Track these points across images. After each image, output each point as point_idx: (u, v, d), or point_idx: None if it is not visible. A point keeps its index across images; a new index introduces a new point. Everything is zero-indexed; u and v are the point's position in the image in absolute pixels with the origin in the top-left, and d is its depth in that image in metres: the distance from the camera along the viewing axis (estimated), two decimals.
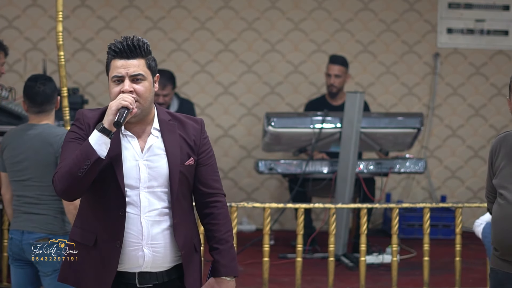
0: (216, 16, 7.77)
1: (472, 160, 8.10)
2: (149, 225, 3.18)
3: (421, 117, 6.71)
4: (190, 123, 3.30)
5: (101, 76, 7.68)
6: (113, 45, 3.20)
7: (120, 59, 3.18)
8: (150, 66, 3.26)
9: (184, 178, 3.23)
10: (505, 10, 8.06)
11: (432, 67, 8.03)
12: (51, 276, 4.28)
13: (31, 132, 4.34)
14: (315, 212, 7.68)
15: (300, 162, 6.66)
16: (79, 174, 3.07)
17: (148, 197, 3.19)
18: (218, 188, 3.33)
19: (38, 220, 4.29)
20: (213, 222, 3.30)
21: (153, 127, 3.24)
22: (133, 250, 3.17)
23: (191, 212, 3.31)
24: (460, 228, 5.53)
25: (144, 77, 3.21)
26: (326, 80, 7.23)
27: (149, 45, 3.26)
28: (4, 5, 7.53)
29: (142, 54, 3.22)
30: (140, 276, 3.22)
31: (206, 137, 3.33)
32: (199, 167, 3.29)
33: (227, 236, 3.30)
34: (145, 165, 3.20)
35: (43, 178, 4.29)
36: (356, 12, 7.92)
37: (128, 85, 3.17)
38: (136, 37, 3.22)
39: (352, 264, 6.33)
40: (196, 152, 3.27)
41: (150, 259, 3.19)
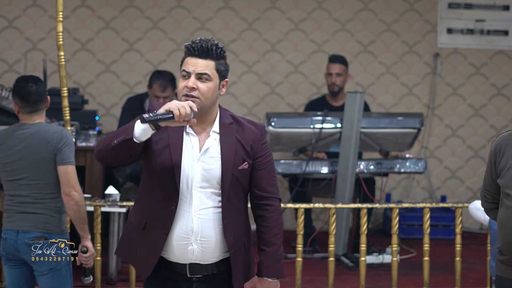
0: (216, 16, 7.78)
1: (472, 160, 8.11)
2: (200, 223, 3.35)
3: (421, 117, 6.71)
4: (250, 128, 3.48)
5: (101, 76, 7.68)
6: (189, 43, 3.44)
7: (192, 57, 3.42)
8: (219, 70, 3.44)
9: (237, 181, 3.40)
10: (505, 10, 8.07)
11: (432, 67, 8.04)
12: (47, 275, 4.27)
13: (25, 131, 4.33)
14: (315, 212, 7.68)
15: (300, 162, 6.66)
16: (112, 144, 3.27)
17: (200, 196, 3.36)
18: (273, 192, 3.49)
19: (34, 219, 4.27)
20: (263, 224, 3.48)
21: (212, 129, 3.41)
22: (183, 244, 3.35)
23: (243, 212, 3.48)
24: (460, 228, 5.53)
25: (209, 77, 3.39)
26: (327, 80, 7.23)
27: (224, 50, 3.48)
28: (4, 5, 7.53)
29: (213, 56, 3.43)
30: (190, 267, 3.39)
31: (265, 142, 3.49)
32: (255, 170, 3.45)
33: (274, 239, 3.47)
34: (200, 166, 3.37)
35: (40, 176, 4.28)
36: (356, 12, 7.92)
37: (192, 81, 3.36)
38: (214, 41, 3.47)
39: (352, 264, 6.33)
40: (252, 157, 3.43)
41: (199, 253, 3.36)
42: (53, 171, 4.29)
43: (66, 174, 4.27)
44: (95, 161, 6.09)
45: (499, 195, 3.63)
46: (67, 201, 4.26)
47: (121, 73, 7.69)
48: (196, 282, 3.42)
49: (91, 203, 5.38)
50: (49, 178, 4.30)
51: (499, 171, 3.58)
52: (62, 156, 4.27)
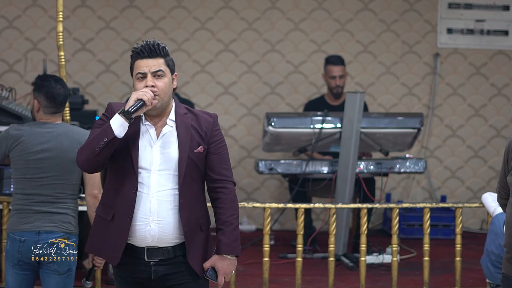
0: (216, 16, 7.78)
1: (472, 160, 8.11)
2: (157, 204, 3.57)
3: (421, 117, 6.71)
4: (203, 116, 3.71)
5: (101, 76, 7.69)
6: (135, 48, 3.63)
7: (143, 59, 3.61)
8: (169, 65, 3.68)
9: (193, 163, 3.62)
10: (505, 10, 8.07)
11: (432, 67, 8.04)
12: (64, 275, 4.29)
13: (51, 130, 4.32)
14: (315, 212, 7.69)
15: (300, 162, 6.66)
16: (96, 149, 3.52)
17: (159, 179, 3.58)
18: (227, 175, 3.71)
19: (57, 219, 4.26)
20: (220, 206, 3.66)
21: (169, 118, 3.65)
22: (142, 225, 3.57)
23: (200, 195, 3.69)
24: (460, 228, 5.54)
25: (164, 74, 3.63)
26: (329, 83, 7.18)
27: (167, 47, 3.68)
28: (5, 5, 7.54)
29: (161, 54, 3.64)
30: (148, 251, 3.60)
31: (218, 129, 3.72)
32: (210, 155, 3.68)
33: (231, 219, 3.65)
34: (158, 151, 3.60)
35: (66, 176, 4.29)
36: (356, 12, 7.93)
37: (150, 80, 3.59)
38: (156, 40, 3.66)
39: (352, 264, 6.33)
40: (207, 142, 3.67)
41: (156, 233, 3.56)
42: (78, 172, 4.32)
43: (96, 177, 4.33)
44: None
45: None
46: (93, 203, 4.29)
47: (121, 73, 7.70)
48: (153, 266, 3.62)
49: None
50: (73, 178, 4.33)
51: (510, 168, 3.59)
52: None
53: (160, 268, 3.62)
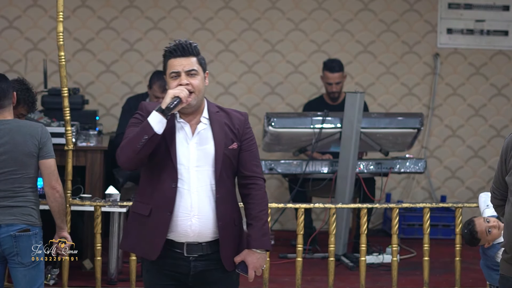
0: (216, 17, 7.78)
1: (472, 160, 8.11)
2: (198, 199, 3.65)
3: (421, 117, 6.71)
4: (235, 114, 3.81)
5: (101, 76, 7.69)
6: (168, 48, 3.70)
7: (176, 58, 3.69)
8: (201, 64, 3.74)
9: (228, 160, 3.71)
10: (505, 11, 8.07)
11: (432, 67, 8.04)
12: (29, 267, 4.32)
13: (5, 127, 4.35)
14: (315, 212, 7.69)
15: (300, 162, 6.67)
16: (137, 147, 3.59)
17: (197, 175, 3.66)
18: (258, 172, 3.79)
19: (17, 212, 4.31)
20: (250, 201, 3.76)
21: (202, 116, 3.74)
22: (183, 220, 3.64)
23: (233, 191, 3.78)
24: (460, 228, 5.54)
25: (197, 72, 3.70)
26: (327, 88, 7.23)
27: (198, 47, 3.74)
28: (5, 6, 7.54)
29: (193, 53, 3.71)
30: (188, 246, 3.67)
31: (249, 127, 3.82)
32: (242, 152, 3.77)
33: (261, 214, 3.74)
34: (195, 147, 3.69)
35: (23, 170, 4.33)
36: (356, 13, 7.93)
37: (184, 78, 3.67)
38: (188, 40, 3.73)
39: (352, 264, 6.33)
40: (239, 139, 3.76)
41: (197, 228, 3.65)
42: (34, 165, 4.37)
43: (51, 167, 4.39)
44: (95, 161, 6.11)
45: (507, 192, 3.61)
46: (52, 194, 4.37)
47: (121, 73, 7.70)
48: (193, 261, 3.68)
49: (91, 203, 5.38)
50: (30, 172, 4.37)
51: (508, 169, 3.58)
52: (47, 150, 4.38)
53: (198, 263, 3.69)
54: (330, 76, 7.16)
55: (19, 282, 4.34)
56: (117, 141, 6.82)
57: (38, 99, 6.51)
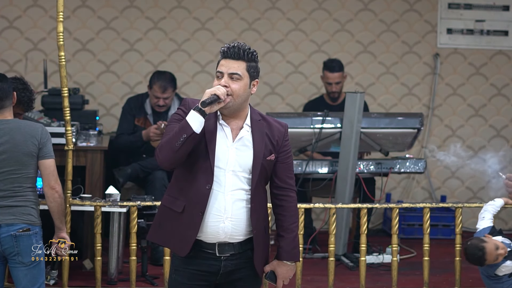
0: (216, 17, 7.78)
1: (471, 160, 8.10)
2: (232, 202, 3.69)
3: (421, 117, 6.71)
4: (276, 126, 3.85)
5: (101, 76, 7.69)
6: (224, 47, 3.72)
7: (226, 59, 3.71)
8: (250, 70, 3.73)
9: (264, 170, 3.75)
10: (505, 11, 8.07)
11: (432, 67, 8.04)
12: (30, 267, 4.33)
13: (5, 127, 4.37)
14: (315, 212, 7.69)
15: (300, 162, 6.66)
16: (176, 146, 3.60)
17: (233, 179, 3.70)
18: (291, 184, 3.85)
19: (17, 211, 4.32)
20: (283, 213, 3.81)
21: (245, 123, 3.79)
22: (215, 221, 3.68)
23: (265, 199, 3.83)
24: (460, 228, 5.54)
25: (240, 77, 3.70)
26: (327, 88, 7.24)
27: (256, 55, 3.75)
28: (5, 6, 7.54)
29: (244, 58, 3.71)
30: (219, 246, 3.72)
31: (288, 139, 3.86)
32: (278, 163, 3.81)
33: (293, 227, 3.81)
34: (234, 152, 3.72)
35: (23, 170, 4.35)
36: (356, 13, 7.93)
37: (225, 80, 3.69)
38: (246, 45, 3.74)
39: (352, 264, 6.33)
40: (277, 151, 3.80)
41: (229, 230, 3.69)
42: (34, 165, 4.39)
43: (50, 167, 4.40)
44: (95, 161, 6.10)
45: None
46: (51, 194, 4.38)
47: (121, 73, 7.70)
48: (224, 261, 3.73)
49: (91, 203, 5.38)
50: (30, 172, 4.38)
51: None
52: (46, 150, 4.40)
53: (229, 263, 3.73)
54: (330, 76, 7.17)
55: (20, 281, 4.36)
56: (117, 141, 6.83)
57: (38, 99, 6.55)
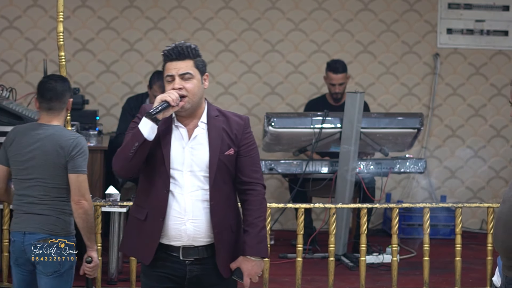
0: (216, 17, 7.78)
1: (472, 160, 8.11)
2: (192, 203, 3.63)
3: (421, 117, 6.71)
4: (234, 119, 3.75)
5: (101, 76, 7.69)
6: (165, 50, 3.66)
7: (171, 61, 3.64)
8: (198, 66, 3.68)
9: (224, 165, 3.66)
10: (505, 11, 8.07)
11: (432, 68, 8.04)
12: (50, 277, 4.25)
13: (41, 132, 4.28)
14: (315, 212, 7.69)
15: (300, 162, 6.67)
16: (129, 154, 3.57)
17: (191, 179, 3.63)
18: (256, 178, 3.75)
19: (40, 220, 4.24)
20: (247, 207, 3.72)
21: (201, 120, 3.70)
22: (177, 224, 3.62)
23: (232, 196, 3.74)
24: (460, 228, 5.54)
25: (192, 76, 3.65)
26: (330, 89, 7.21)
27: (198, 49, 3.69)
28: (5, 6, 7.54)
29: (190, 56, 3.66)
30: (183, 250, 3.65)
31: (249, 132, 3.77)
32: (240, 157, 3.72)
33: (257, 221, 3.69)
34: (189, 152, 3.65)
35: (50, 180, 4.25)
36: (356, 13, 7.93)
37: (178, 82, 3.63)
38: (186, 42, 3.68)
39: (352, 264, 6.34)
40: (237, 145, 3.71)
41: (192, 233, 3.62)
42: (63, 176, 4.26)
43: (77, 182, 4.23)
44: (95, 161, 6.10)
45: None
46: (76, 209, 4.24)
47: (121, 73, 7.70)
48: (188, 265, 3.67)
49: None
50: (59, 182, 4.27)
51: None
52: (74, 164, 4.23)
53: (194, 267, 3.67)
54: (333, 77, 7.15)
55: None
56: (117, 141, 6.83)
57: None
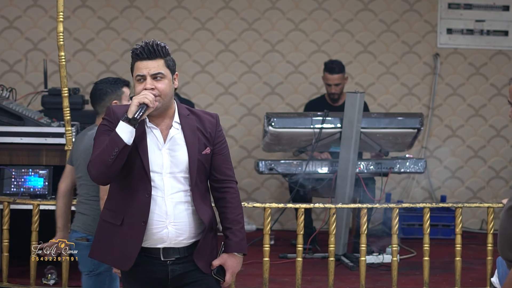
0: (216, 17, 7.79)
1: (472, 160, 8.11)
2: (173, 206, 3.56)
3: (421, 117, 6.72)
4: (206, 117, 3.68)
5: (101, 76, 7.67)
6: (135, 49, 3.58)
7: (142, 61, 3.56)
8: (169, 66, 3.62)
9: (202, 165, 3.62)
10: (505, 11, 8.07)
11: (432, 68, 8.04)
12: (87, 276, 4.36)
13: (89, 133, 4.41)
14: (315, 212, 7.69)
15: (300, 162, 6.67)
16: (109, 160, 3.46)
17: (171, 182, 3.57)
18: (231, 175, 3.72)
19: (82, 219, 4.36)
20: (227, 205, 3.69)
21: (174, 120, 3.62)
22: (158, 228, 3.55)
23: (208, 194, 3.71)
24: (460, 228, 5.54)
25: (163, 75, 3.57)
26: (326, 89, 7.24)
27: (167, 47, 3.63)
28: (5, 6, 7.55)
29: (161, 55, 3.58)
30: (164, 251, 3.59)
31: (221, 130, 3.72)
32: (214, 156, 3.68)
33: (239, 218, 3.69)
34: (168, 154, 3.58)
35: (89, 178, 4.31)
36: (356, 13, 7.93)
37: (149, 83, 3.55)
38: (156, 41, 3.59)
39: (352, 264, 6.34)
40: (212, 143, 3.66)
41: (173, 235, 3.56)
42: None
43: None
44: None
45: None
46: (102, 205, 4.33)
47: (121, 73, 7.70)
48: (170, 265, 3.61)
49: None
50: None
51: None
52: None
53: (176, 267, 3.62)
54: (329, 78, 7.16)
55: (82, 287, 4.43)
56: None
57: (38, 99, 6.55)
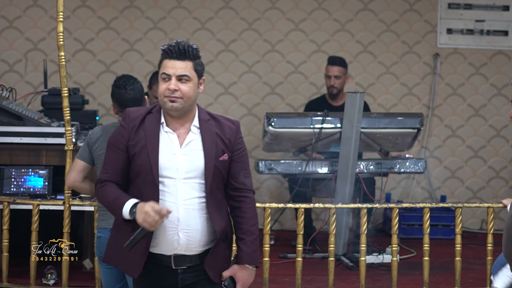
0: (216, 17, 7.78)
1: (472, 160, 8.11)
2: (185, 213, 3.48)
3: (421, 117, 6.72)
4: (226, 123, 3.61)
5: (101, 76, 7.69)
6: (166, 47, 3.54)
7: (170, 60, 3.53)
8: (197, 69, 3.56)
9: (218, 171, 3.54)
10: (505, 11, 8.07)
11: (432, 67, 8.04)
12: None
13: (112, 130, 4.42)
14: (315, 212, 7.69)
15: (300, 162, 6.67)
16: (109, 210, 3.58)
17: (185, 187, 3.49)
18: (248, 184, 3.64)
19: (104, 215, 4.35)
20: (242, 215, 3.61)
21: (193, 124, 3.56)
22: (169, 234, 3.48)
23: (224, 203, 3.63)
24: (460, 228, 5.54)
25: (189, 78, 3.52)
26: (326, 82, 7.26)
27: (199, 50, 3.58)
28: (5, 6, 7.54)
29: (190, 57, 3.53)
30: (175, 258, 3.52)
31: (241, 137, 3.64)
32: (232, 163, 3.60)
33: (253, 229, 3.61)
34: (184, 159, 3.50)
35: None
36: (356, 13, 7.93)
37: (174, 83, 3.50)
38: (188, 42, 3.55)
39: (352, 264, 6.34)
40: (230, 150, 3.58)
41: (185, 242, 3.49)
42: None
43: None
44: None
45: None
46: None
47: (121, 73, 7.66)
48: (181, 274, 3.54)
49: (91, 203, 5.38)
50: None
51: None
52: None
53: (187, 276, 3.54)
54: (329, 69, 7.19)
55: None
56: None
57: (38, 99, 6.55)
